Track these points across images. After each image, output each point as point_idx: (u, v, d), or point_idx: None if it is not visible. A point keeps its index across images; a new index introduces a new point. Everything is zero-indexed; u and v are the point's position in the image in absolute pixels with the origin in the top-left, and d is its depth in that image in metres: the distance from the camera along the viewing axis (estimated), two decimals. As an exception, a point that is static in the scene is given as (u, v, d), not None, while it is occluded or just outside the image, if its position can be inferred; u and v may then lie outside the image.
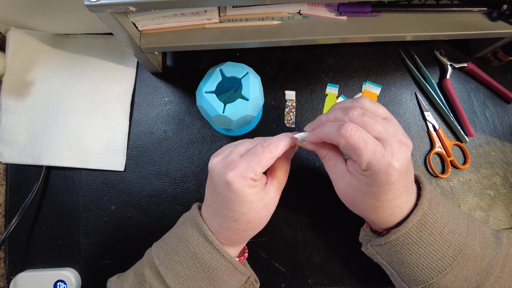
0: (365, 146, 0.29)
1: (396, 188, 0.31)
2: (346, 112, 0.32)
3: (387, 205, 0.32)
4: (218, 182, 0.33)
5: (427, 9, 0.43)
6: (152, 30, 0.42)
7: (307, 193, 0.48)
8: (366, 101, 0.33)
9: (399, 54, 0.53)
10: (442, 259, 0.33)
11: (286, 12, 0.43)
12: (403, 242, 0.33)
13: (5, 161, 0.48)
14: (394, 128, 0.32)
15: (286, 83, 0.52)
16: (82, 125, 0.49)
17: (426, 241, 0.33)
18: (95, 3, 0.32)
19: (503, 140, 0.51)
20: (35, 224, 0.48)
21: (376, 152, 0.29)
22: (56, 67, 0.50)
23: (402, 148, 0.30)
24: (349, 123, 0.30)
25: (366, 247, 0.39)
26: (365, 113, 0.31)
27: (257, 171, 0.32)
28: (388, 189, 0.31)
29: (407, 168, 0.31)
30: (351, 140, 0.29)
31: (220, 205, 0.33)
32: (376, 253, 0.37)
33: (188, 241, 0.34)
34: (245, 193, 0.32)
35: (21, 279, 0.45)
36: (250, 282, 0.39)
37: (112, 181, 0.49)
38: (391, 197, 0.32)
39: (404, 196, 0.32)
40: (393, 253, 0.35)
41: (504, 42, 0.48)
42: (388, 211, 0.33)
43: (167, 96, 0.51)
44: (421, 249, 0.33)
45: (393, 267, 0.36)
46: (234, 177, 0.31)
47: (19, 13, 0.46)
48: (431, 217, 0.33)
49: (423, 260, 0.33)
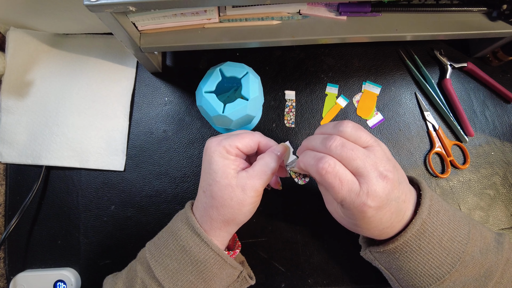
0: (340, 185, 0.29)
1: (377, 219, 0.30)
2: (325, 142, 0.30)
3: (374, 229, 0.32)
4: (204, 155, 0.36)
5: (427, 9, 0.43)
6: (152, 30, 0.42)
7: (307, 193, 0.48)
8: (348, 128, 0.31)
9: (399, 54, 0.53)
10: (441, 267, 0.32)
11: (286, 12, 0.43)
12: (401, 250, 0.33)
13: (4, 161, 0.48)
14: (375, 160, 0.30)
15: (286, 83, 0.52)
16: (82, 125, 0.49)
17: (424, 249, 0.32)
18: (95, 3, 0.32)
19: (503, 140, 0.51)
20: (35, 224, 0.48)
21: (351, 191, 0.29)
22: (56, 67, 0.50)
23: (382, 183, 0.29)
24: (326, 159, 0.29)
25: (364, 252, 0.39)
26: (344, 144, 0.30)
27: (232, 144, 0.34)
28: (367, 222, 0.31)
29: (387, 201, 0.30)
30: (326, 178, 0.29)
31: (201, 179, 0.36)
32: (375, 258, 0.37)
33: (177, 234, 0.35)
34: (213, 158, 0.34)
35: (21, 279, 0.45)
36: (243, 277, 0.39)
37: (112, 181, 0.49)
38: (374, 225, 0.31)
39: (394, 218, 0.32)
40: (391, 260, 0.35)
41: (503, 42, 0.48)
42: (376, 232, 0.33)
43: (167, 96, 0.51)
44: (420, 257, 0.33)
45: (391, 273, 0.36)
46: (212, 142, 0.35)
47: (19, 13, 0.46)
48: (430, 226, 0.32)
49: (421, 268, 0.33)
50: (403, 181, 0.33)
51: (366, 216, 0.30)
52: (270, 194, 0.47)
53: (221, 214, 0.34)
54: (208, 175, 0.34)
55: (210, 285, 0.35)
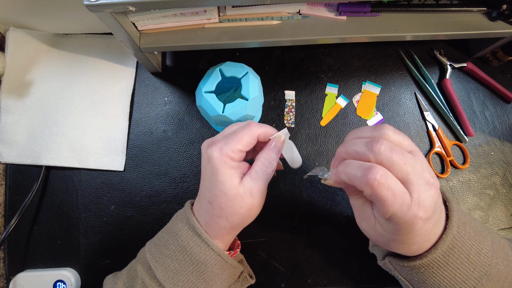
0: (393, 198, 0.26)
1: (423, 231, 0.28)
2: (370, 146, 0.27)
3: (414, 244, 0.30)
4: (203, 160, 0.34)
5: (427, 9, 0.43)
6: (151, 30, 0.42)
7: (307, 193, 0.48)
8: (390, 131, 0.28)
9: (398, 54, 0.53)
10: (467, 281, 0.31)
11: (286, 12, 0.43)
12: (428, 266, 0.31)
13: (4, 161, 0.48)
14: (421, 166, 0.27)
15: (286, 83, 0.52)
16: (82, 125, 0.49)
17: (452, 265, 0.31)
18: (95, 3, 0.32)
19: (503, 140, 0.51)
20: (34, 224, 0.48)
21: (403, 204, 0.26)
22: (55, 67, 0.50)
23: (430, 191, 0.27)
24: (377, 168, 0.26)
25: (383, 262, 0.36)
26: (393, 148, 0.27)
27: (235, 148, 0.32)
28: (414, 236, 0.28)
29: (434, 211, 0.28)
30: (379, 192, 0.26)
31: (203, 186, 0.34)
32: (395, 269, 0.35)
33: (177, 235, 0.34)
34: (218, 170, 0.32)
35: (20, 279, 0.45)
36: (244, 276, 0.39)
37: (112, 181, 0.49)
38: (418, 239, 0.29)
39: (434, 230, 0.30)
40: (415, 273, 0.33)
41: (503, 42, 0.48)
42: (415, 248, 0.30)
43: (167, 96, 0.51)
44: (446, 273, 0.31)
45: (411, 284, 0.34)
46: (214, 151, 0.32)
47: (19, 13, 0.46)
48: (459, 241, 0.31)
49: (446, 283, 0.31)
50: None
51: (415, 229, 0.27)
52: (270, 194, 0.47)
53: (230, 222, 0.34)
54: (214, 185, 0.33)
55: (211, 285, 0.35)
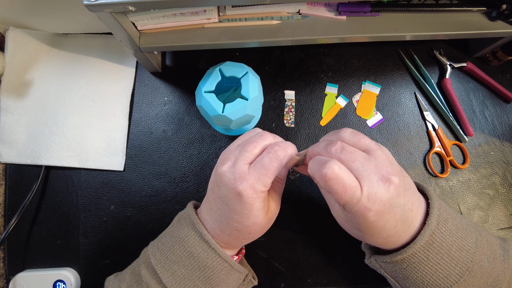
0: (344, 191, 0.28)
1: (380, 225, 0.30)
2: (326, 147, 0.31)
3: (377, 236, 0.32)
4: (227, 193, 0.32)
5: (427, 9, 0.43)
6: (151, 30, 0.42)
7: (306, 193, 0.48)
8: (346, 133, 0.32)
9: (398, 54, 0.53)
10: (449, 277, 0.32)
11: (286, 12, 0.43)
12: (409, 261, 0.33)
13: (4, 161, 0.48)
14: (376, 163, 0.30)
15: (286, 82, 0.52)
16: (82, 125, 0.49)
17: (433, 260, 0.32)
18: (94, 3, 0.32)
19: (502, 140, 0.51)
20: (34, 224, 0.48)
21: (353, 197, 0.28)
22: (55, 66, 0.50)
23: (383, 186, 0.29)
24: (331, 163, 0.28)
25: (370, 260, 0.38)
26: (344, 147, 0.30)
27: (267, 182, 0.32)
28: (370, 227, 0.30)
29: (390, 206, 0.29)
30: (330, 184, 0.28)
31: (224, 213, 0.33)
32: (380, 267, 0.37)
33: (184, 240, 0.34)
34: (253, 207, 0.32)
35: (20, 279, 0.45)
36: (249, 280, 0.39)
37: (112, 181, 0.49)
38: (377, 231, 0.31)
39: (400, 226, 0.31)
40: (398, 270, 0.34)
41: (503, 41, 0.48)
42: (381, 240, 0.32)
43: (167, 96, 0.51)
44: (427, 268, 0.32)
45: (397, 281, 0.36)
46: (245, 190, 0.31)
47: (18, 13, 0.46)
48: (439, 236, 0.32)
49: (428, 278, 0.32)
50: (410, 188, 0.32)
51: (368, 221, 0.29)
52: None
53: (249, 239, 0.36)
54: (245, 218, 0.33)
55: None
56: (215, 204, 0.34)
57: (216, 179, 0.34)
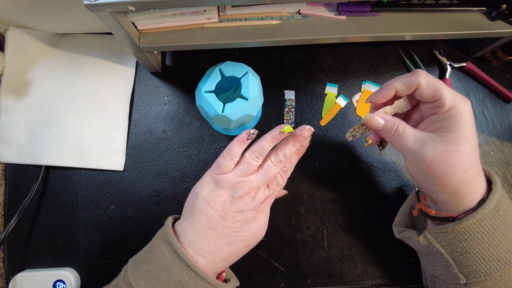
0: (444, 84, 0.32)
1: (470, 135, 0.32)
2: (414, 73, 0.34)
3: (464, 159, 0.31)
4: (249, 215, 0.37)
5: (426, 9, 0.43)
6: (151, 30, 0.42)
7: (306, 193, 0.48)
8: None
9: (398, 54, 0.53)
10: (511, 250, 0.31)
11: (286, 12, 0.43)
12: (474, 230, 0.31)
13: (4, 161, 0.48)
14: None
15: (286, 82, 0.52)
16: (81, 124, 0.49)
17: (497, 230, 0.31)
18: (94, 3, 0.32)
19: (502, 140, 0.51)
20: (34, 224, 0.48)
21: (451, 90, 0.32)
22: (55, 66, 0.50)
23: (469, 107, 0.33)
24: (420, 70, 0.33)
25: (423, 235, 0.36)
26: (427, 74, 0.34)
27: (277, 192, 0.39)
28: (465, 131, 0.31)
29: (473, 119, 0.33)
30: (431, 79, 0.32)
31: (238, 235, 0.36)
32: (436, 241, 0.34)
33: (170, 270, 0.33)
34: (265, 222, 0.39)
35: (20, 279, 0.45)
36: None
37: (111, 181, 0.49)
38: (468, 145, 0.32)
39: (478, 163, 0.32)
40: (458, 242, 0.32)
41: (503, 41, 0.48)
42: (454, 181, 0.32)
43: (167, 96, 0.51)
44: (492, 239, 0.31)
45: (452, 257, 0.34)
46: (266, 207, 0.39)
47: (18, 13, 0.46)
48: (504, 205, 0.31)
49: (491, 251, 0.31)
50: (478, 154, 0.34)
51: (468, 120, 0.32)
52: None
53: (245, 252, 0.39)
54: (260, 233, 0.39)
55: None
56: (222, 232, 0.36)
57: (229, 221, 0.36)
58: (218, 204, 0.35)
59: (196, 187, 0.38)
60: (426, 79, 0.32)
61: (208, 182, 0.37)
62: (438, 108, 0.32)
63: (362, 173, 0.49)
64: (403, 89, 0.33)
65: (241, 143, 0.36)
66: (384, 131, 0.35)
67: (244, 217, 0.36)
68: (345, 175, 0.49)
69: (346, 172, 0.49)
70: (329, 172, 0.49)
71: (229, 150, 0.36)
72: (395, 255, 0.47)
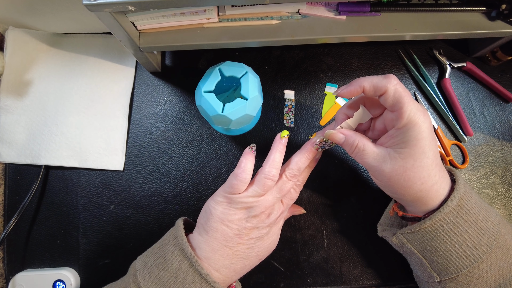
0: (409, 97, 0.32)
1: (428, 149, 0.32)
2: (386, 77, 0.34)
3: (417, 180, 0.32)
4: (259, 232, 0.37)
5: (426, 9, 0.43)
6: (151, 30, 0.42)
7: (306, 193, 0.48)
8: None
9: (398, 54, 0.53)
10: (477, 247, 0.32)
11: (285, 12, 0.43)
12: (438, 229, 0.33)
13: (3, 160, 0.48)
14: None
15: (285, 82, 0.52)
16: (81, 124, 0.49)
17: (461, 228, 0.32)
18: (94, 3, 0.32)
19: (502, 140, 0.51)
20: (34, 224, 0.48)
21: (414, 103, 0.32)
22: (54, 66, 0.50)
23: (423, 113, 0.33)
24: (393, 76, 0.32)
25: (395, 236, 0.37)
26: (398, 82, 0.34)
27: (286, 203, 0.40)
28: (422, 146, 0.31)
29: (432, 133, 0.32)
30: (399, 88, 0.32)
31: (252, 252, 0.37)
32: (407, 241, 0.36)
33: (182, 277, 0.33)
34: (277, 238, 0.40)
35: (20, 279, 0.45)
36: None
37: (111, 181, 0.49)
38: (426, 158, 0.32)
39: (437, 171, 0.33)
40: (426, 241, 0.34)
41: (502, 41, 0.48)
42: (416, 187, 0.33)
43: (166, 96, 0.51)
44: (457, 236, 0.32)
45: (424, 256, 0.35)
46: (280, 221, 0.40)
47: (18, 12, 0.46)
48: (467, 203, 0.32)
49: (458, 248, 0.32)
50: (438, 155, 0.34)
51: (423, 135, 0.31)
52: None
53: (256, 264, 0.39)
54: (272, 247, 0.39)
55: None
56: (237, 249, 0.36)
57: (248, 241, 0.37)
58: (233, 223, 0.36)
59: (209, 205, 0.38)
60: (395, 87, 0.32)
61: (221, 202, 0.37)
62: (398, 121, 0.32)
63: (362, 173, 0.49)
64: (370, 90, 0.33)
65: (248, 156, 0.37)
66: (345, 146, 0.36)
67: (259, 233, 0.37)
68: (345, 175, 0.49)
69: (346, 172, 0.49)
70: (329, 172, 0.49)
71: (239, 168, 0.36)
72: (395, 255, 0.47)
